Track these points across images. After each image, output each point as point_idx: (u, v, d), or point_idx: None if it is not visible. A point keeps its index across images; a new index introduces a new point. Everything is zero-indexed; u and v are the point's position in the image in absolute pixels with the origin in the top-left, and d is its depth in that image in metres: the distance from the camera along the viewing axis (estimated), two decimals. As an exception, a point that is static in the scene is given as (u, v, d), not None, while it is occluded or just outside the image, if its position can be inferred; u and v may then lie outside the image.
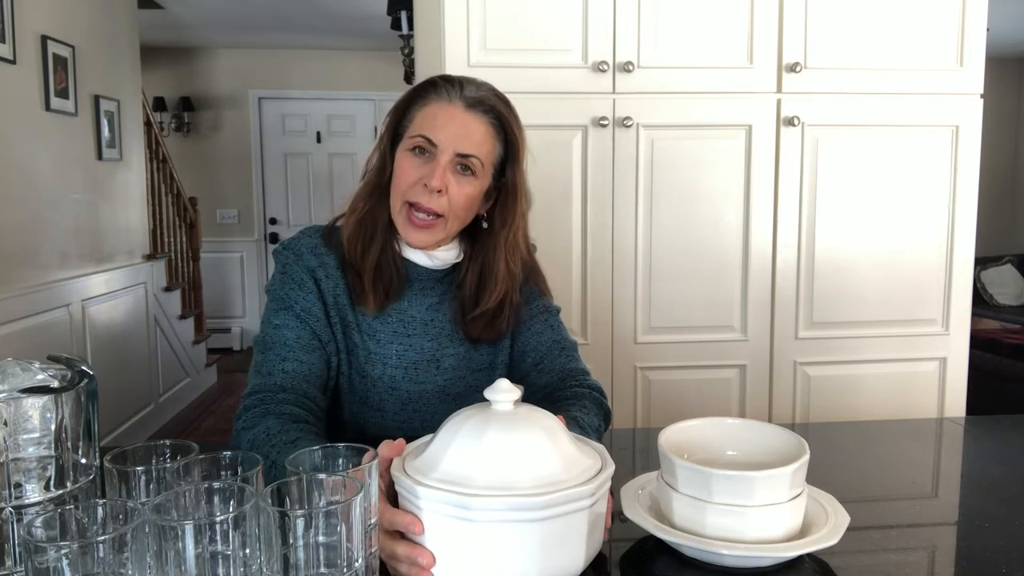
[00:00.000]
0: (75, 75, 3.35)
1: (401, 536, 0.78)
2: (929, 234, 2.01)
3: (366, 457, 0.75)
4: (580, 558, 0.77)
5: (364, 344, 1.17)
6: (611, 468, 0.80)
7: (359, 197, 1.17)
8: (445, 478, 0.75)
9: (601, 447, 0.86)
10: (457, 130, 1.10)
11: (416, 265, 1.18)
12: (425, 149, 1.10)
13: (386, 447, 0.83)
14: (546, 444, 0.78)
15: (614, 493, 0.92)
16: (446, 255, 1.19)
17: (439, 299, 1.20)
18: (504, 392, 0.80)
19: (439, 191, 1.09)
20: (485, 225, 1.19)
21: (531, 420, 0.80)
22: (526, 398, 1.22)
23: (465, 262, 1.20)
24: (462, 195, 1.12)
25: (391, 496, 0.81)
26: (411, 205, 1.11)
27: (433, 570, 0.76)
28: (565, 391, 1.17)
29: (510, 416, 0.80)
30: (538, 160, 1.89)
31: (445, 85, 1.13)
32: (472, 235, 1.21)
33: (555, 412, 1.06)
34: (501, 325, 1.20)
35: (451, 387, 1.20)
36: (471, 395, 1.19)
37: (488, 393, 0.81)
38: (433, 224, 1.12)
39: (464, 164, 1.11)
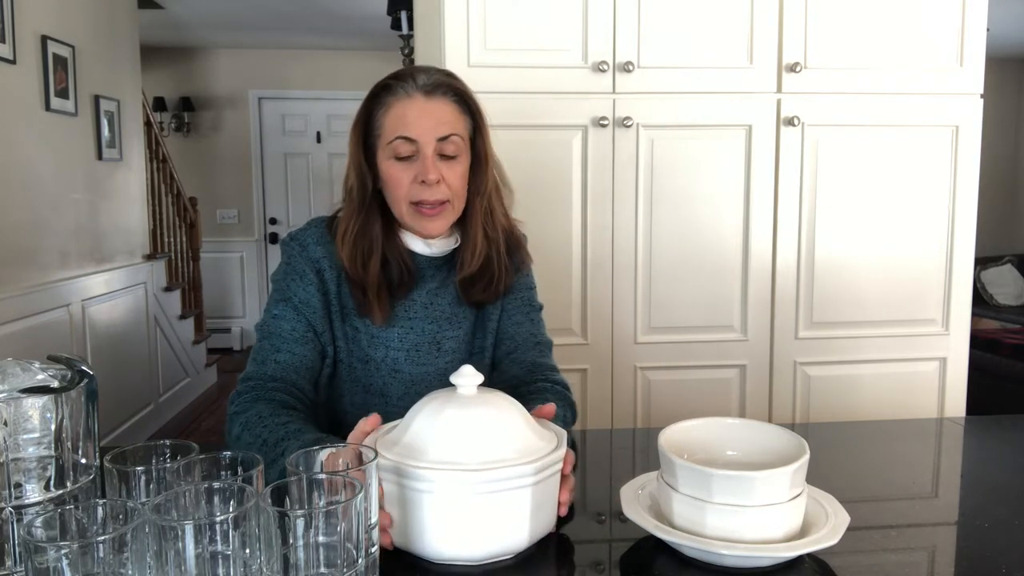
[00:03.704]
0: (75, 75, 3.35)
1: None
2: (929, 234, 2.01)
3: (348, 453, 0.75)
4: (524, 534, 0.82)
5: (366, 328, 1.20)
6: (561, 451, 0.85)
7: (347, 217, 1.19)
8: (403, 452, 0.82)
9: (562, 431, 0.90)
10: (428, 119, 1.13)
11: (416, 255, 1.22)
12: (407, 151, 1.14)
13: (363, 421, 0.90)
14: (499, 424, 0.83)
15: (569, 482, 0.92)
16: (444, 243, 1.22)
17: (439, 284, 1.23)
18: (467, 376, 0.87)
19: (437, 182, 1.13)
20: None
21: (488, 402, 0.86)
22: (494, 384, 1.26)
23: (460, 243, 1.24)
24: (456, 177, 1.16)
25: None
26: (416, 204, 1.15)
27: (394, 535, 0.83)
28: (531, 385, 1.21)
29: (470, 398, 0.86)
30: (538, 160, 1.90)
31: (398, 83, 1.16)
32: (463, 222, 1.24)
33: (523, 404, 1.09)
34: (499, 287, 1.24)
35: (452, 370, 1.20)
36: None
37: (453, 378, 0.87)
38: (442, 209, 1.16)
39: (444, 151, 1.14)
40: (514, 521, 0.81)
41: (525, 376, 1.24)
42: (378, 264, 1.17)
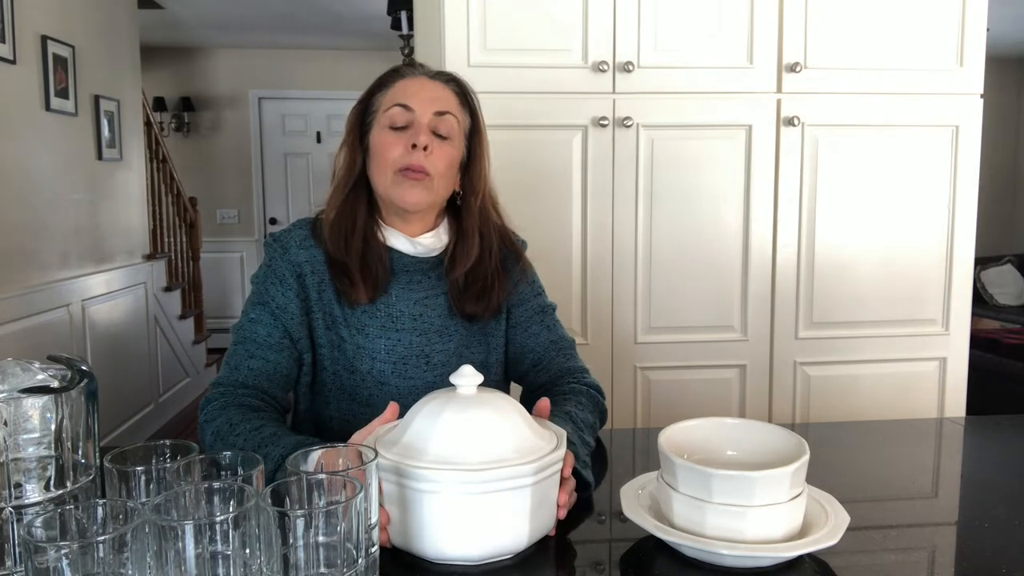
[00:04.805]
0: (75, 75, 3.35)
1: None
2: (929, 234, 2.01)
3: (349, 452, 0.75)
4: (523, 534, 0.82)
5: (352, 338, 1.17)
6: (561, 451, 0.85)
7: (335, 194, 1.19)
8: (403, 452, 0.82)
9: (561, 431, 0.90)
10: (429, 94, 1.16)
11: (402, 255, 1.20)
12: (403, 121, 1.14)
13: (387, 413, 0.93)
14: (498, 424, 0.83)
15: (568, 484, 0.91)
16: (429, 242, 1.21)
17: (427, 294, 1.20)
18: (467, 376, 0.86)
19: (425, 148, 1.13)
20: (459, 202, 1.23)
21: (487, 402, 0.85)
22: (525, 396, 1.25)
23: (451, 247, 1.22)
24: (444, 156, 1.16)
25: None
26: (401, 171, 1.14)
27: (393, 535, 0.83)
28: (562, 387, 1.19)
29: (469, 398, 0.86)
30: (538, 160, 1.90)
31: (406, 67, 1.20)
32: (458, 220, 1.23)
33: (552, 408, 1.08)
34: (492, 297, 1.21)
35: (441, 384, 1.19)
36: None
37: (453, 378, 0.87)
38: (425, 178, 1.14)
39: (438, 129, 1.15)
40: (514, 521, 0.81)
41: (555, 381, 1.22)
42: (360, 243, 1.16)
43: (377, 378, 1.18)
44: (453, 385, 0.87)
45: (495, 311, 1.23)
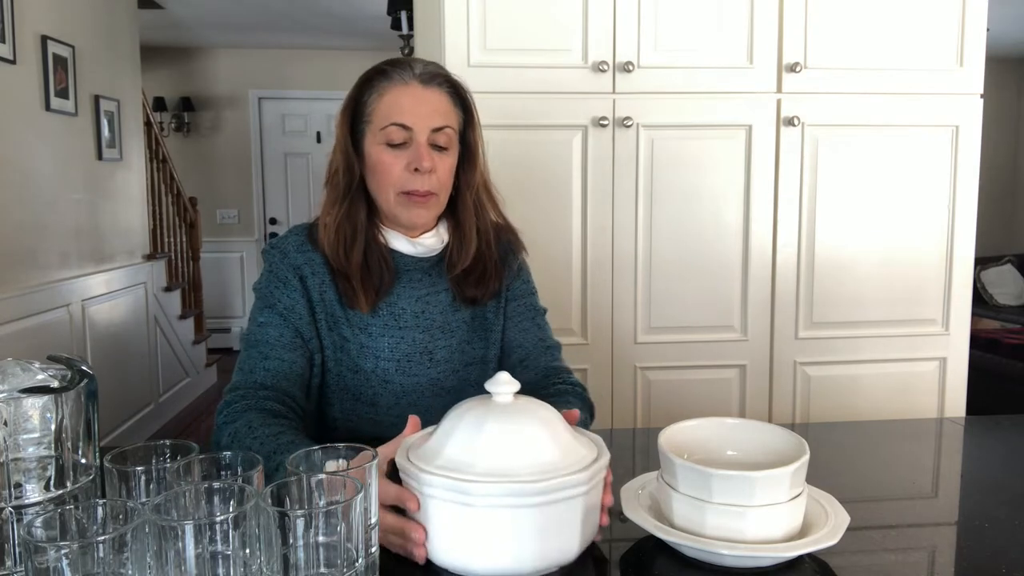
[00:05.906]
0: (75, 75, 3.35)
1: (397, 512, 0.81)
2: (929, 234, 2.01)
3: (362, 456, 0.75)
4: (575, 545, 0.80)
5: (355, 338, 1.17)
6: (606, 457, 0.83)
7: (330, 203, 1.18)
8: (447, 465, 0.78)
9: (598, 437, 0.88)
10: (425, 108, 1.13)
11: (402, 255, 1.20)
12: (400, 139, 1.12)
13: (408, 428, 0.90)
14: (543, 434, 0.80)
15: (613, 491, 0.92)
16: (430, 241, 1.21)
17: (428, 291, 1.21)
18: (504, 384, 0.84)
19: (431, 171, 1.12)
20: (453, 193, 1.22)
21: (529, 411, 0.83)
22: None
23: (450, 246, 1.22)
24: (445, 168, 1.16)
25: (391, 475, 0.83)
26: (406, 193, 1.13)
27: (435, 552, 0.79)
28: (548, 388, 1.19)
29: (509, 407, 0.83)
30: (538, 160, 1.90)
31: (395, 69, 1.15)
32: (455, 217, 1.23)
33: None
34: (490, 282, 1.22)
35: (444, 380, 1.21)
36: (465, 389, 1.21)
37: (489, 385, 0.84)
38: (429, 199, 1.15)
39: (436, 142, 1.14)
40: (568, 531, 0.78)
41: (541, 381, 1.22)
42: (361, 252, 1.15)
43: (381, 376, 1.18)
44: (459, 384, 0.86)
45: (494, 293, 1.24)
